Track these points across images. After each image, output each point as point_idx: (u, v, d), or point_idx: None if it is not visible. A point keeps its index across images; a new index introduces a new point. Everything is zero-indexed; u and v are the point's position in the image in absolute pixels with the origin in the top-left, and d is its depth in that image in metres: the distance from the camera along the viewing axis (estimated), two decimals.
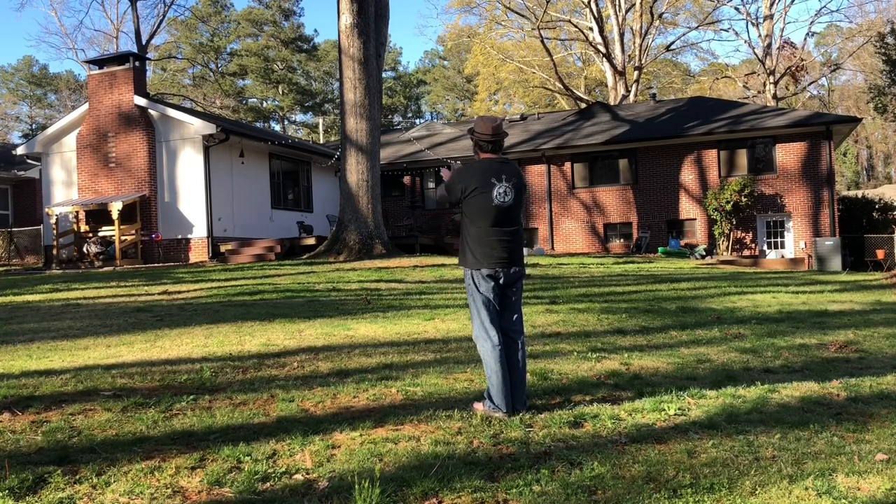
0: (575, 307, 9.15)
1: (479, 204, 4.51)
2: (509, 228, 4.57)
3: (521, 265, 4.65)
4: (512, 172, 4.60)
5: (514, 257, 4.59)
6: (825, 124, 21.90)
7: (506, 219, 4.55)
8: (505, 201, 4.52)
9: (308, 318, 8.37)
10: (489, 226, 4.52)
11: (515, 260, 4.60)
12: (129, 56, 20.42)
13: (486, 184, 4.50)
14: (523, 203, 4.77)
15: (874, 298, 10.46)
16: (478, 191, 4.51)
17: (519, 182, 4.62)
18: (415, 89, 71.53)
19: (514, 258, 4.59)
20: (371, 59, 17.86)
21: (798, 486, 3.28)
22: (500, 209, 4.51)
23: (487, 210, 4.51)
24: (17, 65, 66.02)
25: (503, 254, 4.54)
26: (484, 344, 4.51)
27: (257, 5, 61.38)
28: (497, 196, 4.50)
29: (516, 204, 4.59)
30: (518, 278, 4.64)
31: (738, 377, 5.43)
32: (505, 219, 4.55)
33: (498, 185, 4.51)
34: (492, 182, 4.51)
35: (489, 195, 4.50)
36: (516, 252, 4.62)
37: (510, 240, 4.57)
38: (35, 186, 25.86)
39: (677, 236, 23.10)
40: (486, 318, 4.52)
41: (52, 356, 6.51)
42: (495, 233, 4.53)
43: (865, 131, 61.72)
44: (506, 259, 4.54)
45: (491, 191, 4.50)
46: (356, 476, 3.36)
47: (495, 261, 4.52)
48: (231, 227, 20.02)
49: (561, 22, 42.12)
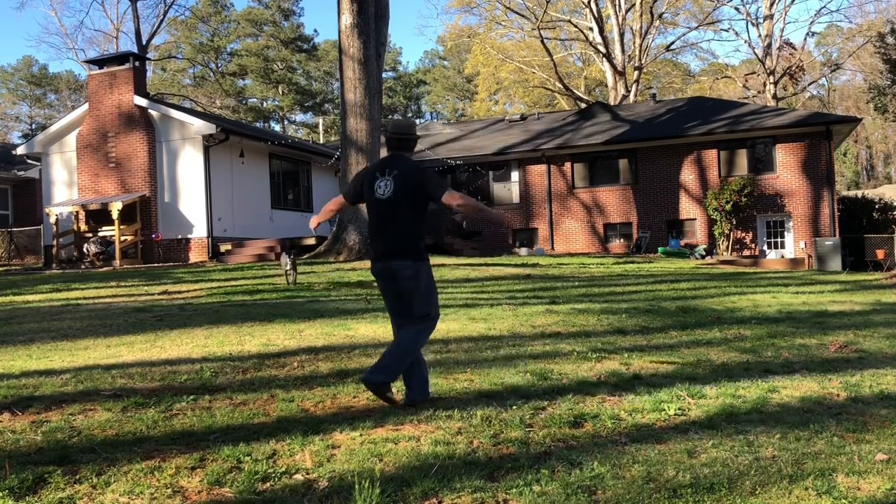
0: (575, 307, 9.15)
1: (367, 199, 4.73)
2: (392, 223, 4.62)
3: (402, 258, 4.59)
4: (397, 167, 4.65)
5: (392, 250, 4.61)
6: (825, 124, 21.91)
7: (388, 212, 4.63)
8: (384, 195, 4.63)
9: (308, 318, 8.37)
10: (373, 220, 4.71)
11: (394, 253, 4.60)
12: (130, 56, 20.42)
13: (372, 179, 4.71)
14: (412, 197, 4.60)
15: (874, 298, 10.46)
16: (366, 186, 4.74)
17: (401, 175, 4.61)
18: (415, 89, 71.54)
19: (393, 251, 4.61)
20: (371, 59, 17.86)
21: (798, 486, 3.28)
22: (380, 202, 4.65)
23: (371, 204, 4.70)
24: (17, 65, 66.07)
25: (380, 248, 4.68)
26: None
27: (257, 5, 61.40)
28: (377, 189, 4.66)
29: (396, 197, 4.59)
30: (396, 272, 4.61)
31: (738, 377, 5.43)
32: (387, 212, 4.63)
33: (380, 179, 4.67)
34: (376, 176, 4.70)
35: (372, 189, 4.69)
36: (393, 244, 4.61)
37: (389, 233, 4.63)
38: (35, 186, 25.86)
39: (677, 236, 23.10)
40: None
41: (52, 356, 6.51)
42: (374, 227, 4.70)
43: (865, 131, 61.70)
44: (381, 252, 4.67)
45: (374, 185, 4.68)
46: (356, 476, 3.36)
47: (376, 255, 4.71)
48: (231, 227, 20.02)
49: (561, 22, 42.12)
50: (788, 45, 43.06)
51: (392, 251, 4.62)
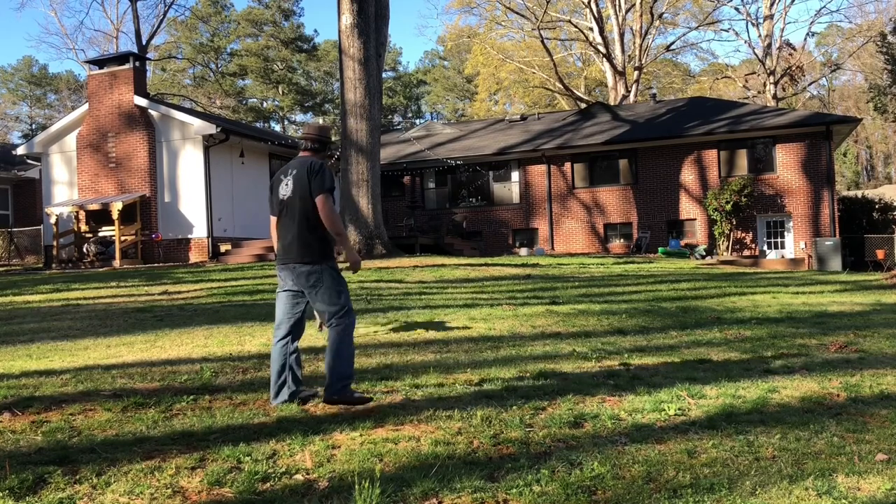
0: (575, 307, 9.14)
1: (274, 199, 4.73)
2: (289, 222, 4.61)
3: (300, 260, 4.57)
4: (299, 166, 4.63)
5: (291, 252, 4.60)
6: (825, 124, 21.91)
7: (287, 212, 4.62)
8: (285, 195, 4.64)
9: (308, 318, 8.35)
10: (276, 220, 4.70)
11: (299, 256, 4.58)
12: (130, 56, 20.42)
13: (278, 180, 4.72)
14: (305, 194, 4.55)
15: (874, 299, 10.46)
16: (274, 186, 4.75)
17: (300, 172, 4.58)
18: (415, 89, 71.50)
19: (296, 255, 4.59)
20: (371, 59, 17.86)
21: (798, 487, 3.28)
22: (282, 203, 4.65)
23: (275, 205, 4.70)
24: (17, 65, 66.07)
25: (280, 249, 4.68)
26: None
27: (257, 5, 61.36)
28: (281, 190, 4.67)
29: (294, 196, 4.58)
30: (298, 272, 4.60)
31: (738, 377, 5.43)
32: (287, 212, 4.63)
33: (284, 179, 4.68)
34: (281, 178, 4.71)
35: (277, 190, 4.70)
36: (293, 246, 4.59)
37: (288, 234, 4.61)
38: (35, 186, 25.86)
39: (677, 236, 23.10)
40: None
41: (52, 356, 6.51)
42: (279, 227, 4.69)
43: (865, 131, 61.69)
44: (281, 254, 4.67)
45: (279, 186, 4.70)
46: (356, 476, 3.36)
47: (279, 257, 4.70)
48: (231, 227, 20.02)
49: (561, 22, 42.11)
50: (788, 45, 43.10)
51: (297, 252, 4.60)
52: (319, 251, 4.57)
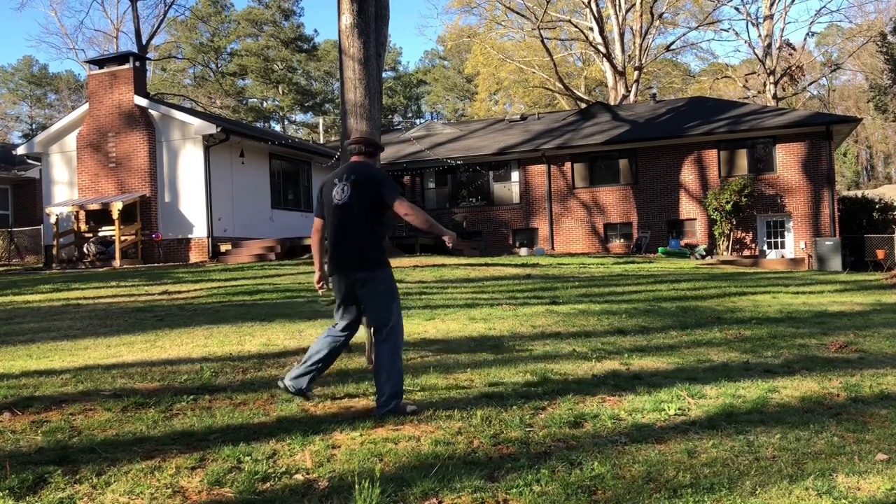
0: (575, 307, 9.15)
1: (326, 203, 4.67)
2: (345, 228, 4.56)
3: (357, 267, 4.54)
4: (355, 172, 4.62)
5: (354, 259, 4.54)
6: (825, 124, 21.90)
7: (343, 217, 4.57)
8: (340, 200, 4.59)
9: (308, 319, 8.37)
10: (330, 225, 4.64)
11: (358, 262, 4.54)
12: (130, 56, 20.41)
13: (330, 184, 4.68)
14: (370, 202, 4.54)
15: (874, 299, 10.46)
16: (326, 190, 4.69)
17: (358, 179, 4.57)
18: (415, 89, 71.49)
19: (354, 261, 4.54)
20: (371, 59, 17.86)
21: (798, 486, 3.28)
22: (336, 207, 4.60)
23: (329, 208, 4.64)
24: (17, 65, 66.10)
25: (337, 255, 4.59)
26: None
27: (257, 5, 61.37)
28: (335, 195, 4.62)
29: (352, 201, 4.55)
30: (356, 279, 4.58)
31: (739, 377, 5.42)
32: (342, 217, 4.57)
33: (339, 184, 4.63)
34: (334, 182, 4.66)
35: (330, 194, 4.65)
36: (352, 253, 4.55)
37: (344, 240, 4.56)
38: (35, 186, 25.85)
39: (677, 236, 23.10)
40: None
41: (52, 356, 6.51)
42: (333, 234, 4.62)
43: (865, 131, 61.69)
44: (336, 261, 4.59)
45: (332, 190, 4.65)
46: (356, 476, 3.36)
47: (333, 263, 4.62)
48: (231, 227, 20.02)
49: (561, 22, 42.10)
50: (788, 45, 43.09)
51: (354, 260, 4.56)
52: (377, 257, 4.57)
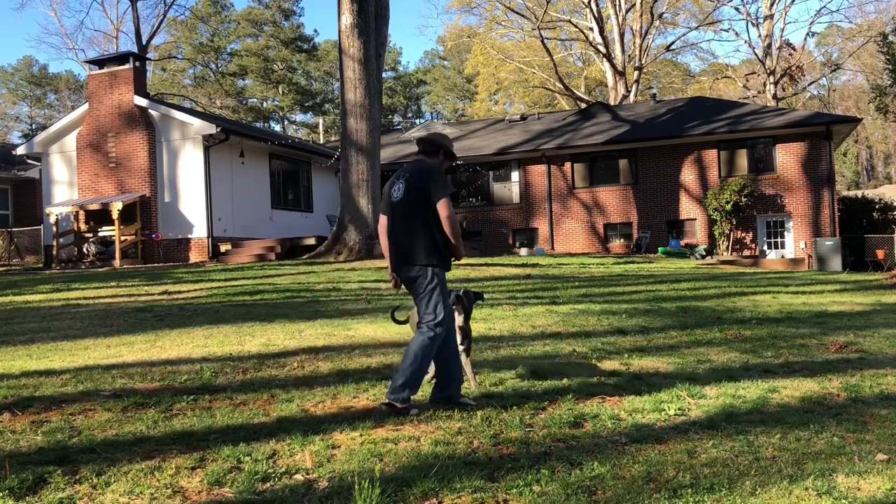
0: (575, 307, 9.15)
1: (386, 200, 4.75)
2: (400, 225, 4.62)
3: (410, 263, 4.57)
4: (411, 169, 4.68)
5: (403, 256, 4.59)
6: (825, 124, 21.90)
7: (398, 214, 4.63)
8: (396, 197, 4.65)
9: (308, 319, 8.37)
10: (388, 222, 4.70)
11: (405, 259, 4.58)
12: (130, 56, 20.42)
13: (391, 182, 4.77)
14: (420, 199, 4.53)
15: (874, 299, 10.46)
16: (387, 188, 4.78)
17: (412, 178, 4.61)
18: (415, 89, 71.47)
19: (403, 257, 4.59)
20: (371, 59, 17.86)
21: (798, 487, 3.28)
22: (393, 205, 4.67)
23: (388, 206, 4.71)
24: (17, 65, 66.01)
25: (392, 252, 4.66)
26: None
27: (257, 5, 61.34)
28: (393, 192, 4.69)
29: (406, 199, 4.58)
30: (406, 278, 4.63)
31: (739, 377, 5.42)
32: (398, 214, 4.63)
33: (397, 182, 4.70)
34: (394, 180, 4.73)
35: (390, 191, 4.72)
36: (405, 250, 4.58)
37: (399, 236, 4.61)
38: (35, 186, 25.85)
39: (677, 236, 23.10)
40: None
41: (52, 356, 6.51)
42: (389, 230, 4.69)
43: (865, 131, 61.67)
44: (391, 259, 4.66)
45: (391, 188, 4.72)
46: (356, 476, 3.36)
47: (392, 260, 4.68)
48: (231, 227, 20.02)
49: (561, 22, 42.09)
50: (788, 45, 43.08)
51: (407, 257, 4.59)
52: (427, 254, 4.54)
